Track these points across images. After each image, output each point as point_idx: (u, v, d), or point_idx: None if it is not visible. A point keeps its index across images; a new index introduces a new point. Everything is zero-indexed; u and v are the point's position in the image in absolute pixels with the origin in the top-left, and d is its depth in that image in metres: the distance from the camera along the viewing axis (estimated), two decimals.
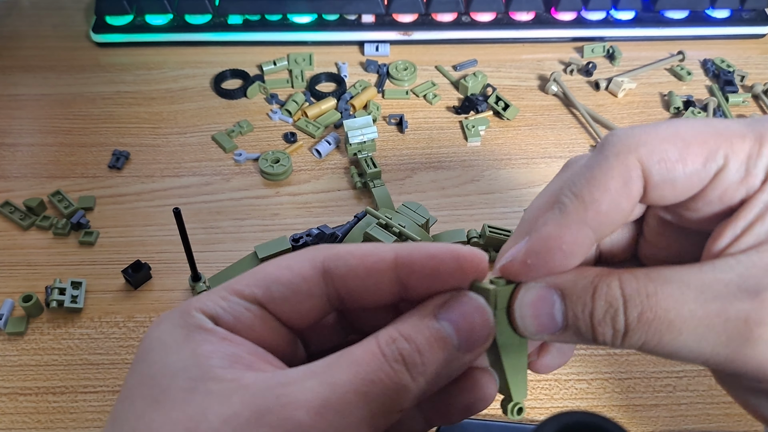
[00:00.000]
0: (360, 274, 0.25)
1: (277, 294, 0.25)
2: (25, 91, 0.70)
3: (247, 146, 0.64)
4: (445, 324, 0.24)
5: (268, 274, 0.25)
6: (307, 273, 0.25)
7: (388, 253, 0.25)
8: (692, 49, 0.73)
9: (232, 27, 0.74)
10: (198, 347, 0.23)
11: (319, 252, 0.26)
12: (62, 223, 0.56)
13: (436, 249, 0.25)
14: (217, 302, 0.25)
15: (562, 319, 0.24)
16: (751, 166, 0.24)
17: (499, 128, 0.66)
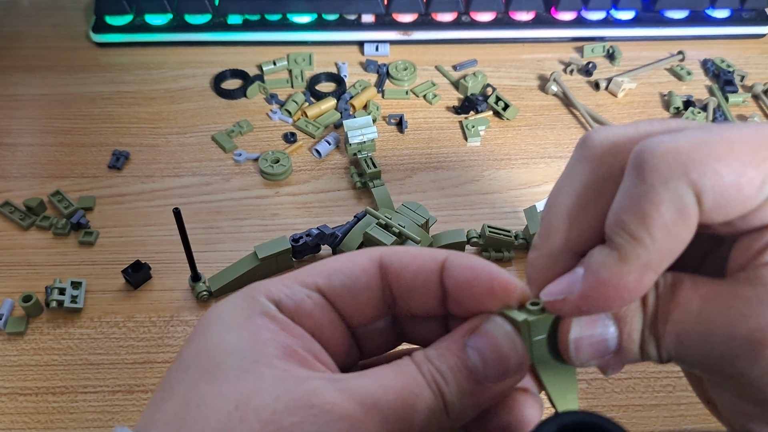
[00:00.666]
0: (411, 271, 0.26)
1: (338, 283, 0.26)
2: (25, 91, 0.70)
3: (246, 146, 0.64)
4: (473, 353, 0.24)
5: (329, 265, 0.27)
6: (366, 265, 0.26)
7: (439, 255, 0.26)
8: (692, 49, 0.73)
9: (232, 27, 0.74)
10: (258, 331, 0.24)
11: (377, 248, 0.27)
12: (62, 223, 0.56)
13: (477, 263, 0.25)
14: (280, 288, 0.26)
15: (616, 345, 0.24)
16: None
17: (499, 128, 0.66)
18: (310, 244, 0.53)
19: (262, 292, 0.26)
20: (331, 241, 0.52)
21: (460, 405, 0.23)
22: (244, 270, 0.52)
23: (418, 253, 0.27)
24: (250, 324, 0.24)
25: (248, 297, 0.25)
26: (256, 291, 0.26)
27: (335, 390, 0.22)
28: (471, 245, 0.55)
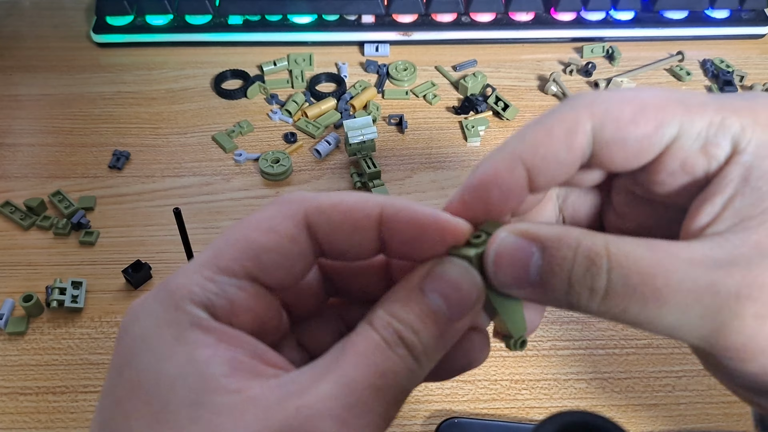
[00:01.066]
0: (344, 230, 0.24)
1: (268, 263, 0.23)
2: (26, 92, 0.70)
3: (247, 146, 0.64)
4: (434, 297, 0.23)
5: (253, 241, 0.23)
6: (292, 233, 0.24)
7: (374, 209, 0.24)
8: (691, 49, 0.74)
9: (233, 27, 0.74)
10: (194, 351, 0.21)
11: (298, 205, 0.24)
12: (63, 223, 0.56)
13: (421, 214, 0.24)
14: (205, 286, 0.22)
15: (537, 273, 0.23)
16: (711, 135, 0.23)
17: (499, 128, 0.66)
18: None
19: (186, 297, 0.22)
20: None
21: (431, 352, 0.23)
22: None
23: (349, 208, 0.24)
24: (184, 344, 0.21)
25: (171, 306, 0.22)
26: (177, 296, 0.22)
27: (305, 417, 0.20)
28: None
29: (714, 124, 0.23)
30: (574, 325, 0.51)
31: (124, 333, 0.23)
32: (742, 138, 0.23)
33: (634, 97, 0.23)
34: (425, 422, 0.46)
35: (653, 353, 0.49)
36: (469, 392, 0.47)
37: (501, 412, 0.46)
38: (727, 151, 0.23)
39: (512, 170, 0.24)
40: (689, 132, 0.23)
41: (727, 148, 0.23)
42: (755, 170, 0.22)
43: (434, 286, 0.23)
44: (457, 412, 0.46)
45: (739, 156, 0.23)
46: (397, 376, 0.22)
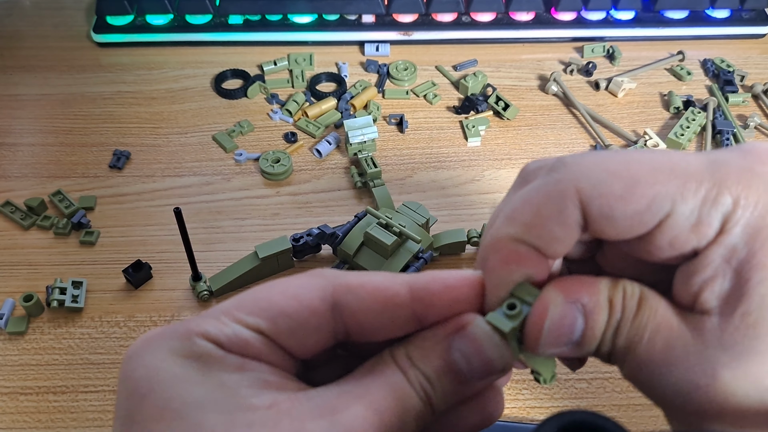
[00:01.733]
0: (373, 311, 0.24)
1: (284, 327, 0.23)
2: (26, 91, 0.70)
3: (247, 146, 0.64)
4: (457, 355, 0.23)
5: (273, 303, 0.23)
6: (316, 306, 0.23)
7: (402, 287, 0.24)
8: (692, 49, 0.73)
9: (233, 27, 0.74)
10: (220, 376, 0.21)
11: (327, 281, 0.24)
12: (63, 223, 0.56)
13: (452, 279, 0.24)
14: (219, 328, 0.23)
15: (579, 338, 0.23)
16: (705, 214, 0.22)
17: (499, 128, 0.66)
18: (310, 244, 0.53)
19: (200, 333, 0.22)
20: (331, 240, 0.53)
21: (444, 404, 0.23)
22: (244, 269, 0.52)
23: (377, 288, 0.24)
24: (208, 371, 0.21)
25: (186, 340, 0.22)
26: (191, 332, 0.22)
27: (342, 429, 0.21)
28: (471, 245, 0.55)
29: (708, 200, 0.22)
30: None
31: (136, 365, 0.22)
32: (732, 216, 0.22)
33: (625, 168, 0.22)
34: None
35: None
36: None
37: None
38: (717, 227, 0.22)
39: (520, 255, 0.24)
40: (682, 210, 0.22)
41: (716, 224, 0.22)
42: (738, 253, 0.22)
43: (460, 345, 0.23)
44: None
45: (724, 236, 0.22)
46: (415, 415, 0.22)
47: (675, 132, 0.63)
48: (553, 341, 0.23)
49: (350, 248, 0.51)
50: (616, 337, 0.23)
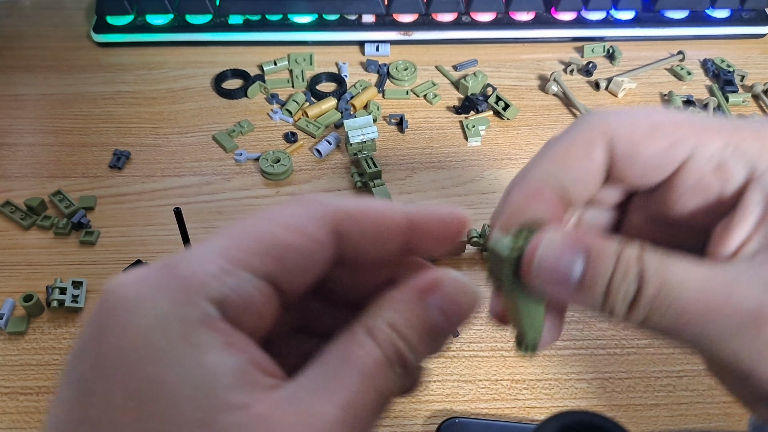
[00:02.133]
0: (372, 240, 0.23)
1: (291, 265, 0.22)
2: (26, 91, 0.70)
3: (247, 146, 0.64)
4: (435, 312, 0.23)
5: (279, 239, 0.21)
6: (321, 237, 0.22)
7: (402, 217, 0.23)
8: (692, 48, 0.73)
9: (233, 27, 0.74)
10: (201, 357, 0.19)
11: (327, 209, 0.23)
12: (63, 223, 0.56)
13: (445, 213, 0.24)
14: (223, 279, 0.20)
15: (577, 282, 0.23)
16: (726, 158, 0.23)
17: (499, 128, 0.66)
18: None
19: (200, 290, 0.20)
20: None
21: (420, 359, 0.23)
22: None
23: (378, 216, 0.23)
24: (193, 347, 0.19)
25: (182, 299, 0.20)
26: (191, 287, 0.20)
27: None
28: (471, 245, 0.55)
29: (729, 146, 0.23)
30: (575, 325, 0.51)
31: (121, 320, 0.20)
32: (759, 163, 0.23)
33: (647, 116, 0.24)
34: (426, 422, 0.46)
35: (654, 353, 0.49)
36: (470, 392, 0.47)
37: (502, 412, 0.46)
38: (744, 174, 0.23)
39: (542, 192, 0.24)
40: (703, 152, 0.23)
41: (742, 171, 0.23)
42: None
43: (438, 301, 0.23)
44: (458, 412, 0.46)
45: (757, 182, 0.23)
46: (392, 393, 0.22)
47: None
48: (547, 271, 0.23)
49: None
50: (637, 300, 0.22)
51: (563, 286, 0.23)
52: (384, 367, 0.21)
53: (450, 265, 0.55)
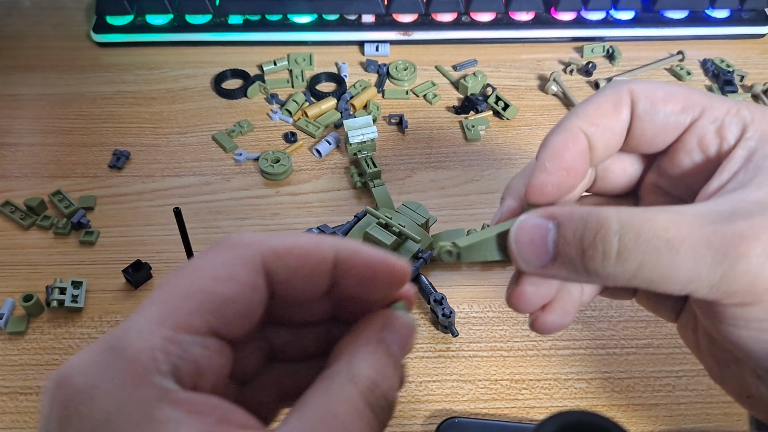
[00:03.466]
0: (300, 275, 0.24)
1: (231, 315, 0.22)
2: (26, 91, 0.70)
3: (247, 146, 0.64)
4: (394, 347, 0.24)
5: (212, 292, 0.22)
6: (253, 281, 0.23)
7: (328, 254, 0.24)
8: (692, 48, 0.74)
9: (233, 27, 0.74)
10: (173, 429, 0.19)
11: (254, 251, 0.23)
12: (63, 223, 0.56)
13: (373, 258, 0.25)
14: (168, 350, 0.20)
15: (553, 247, 0.25)
16: (727, 122, 0.27)
17: (499, 128, 0.66)
18: None
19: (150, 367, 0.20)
20: None
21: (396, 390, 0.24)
22: None
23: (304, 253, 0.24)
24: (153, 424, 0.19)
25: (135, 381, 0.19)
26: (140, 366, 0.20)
27: None
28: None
29: (731, 112, 0.27)
30: (575, 324, 0.51)
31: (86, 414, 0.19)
32: (750, 126, 0.27)
33: (665, 85, 0.29)
34: (425, 422, 0.46)
35: (653, 353, 0.49)
36: (470, 392, 0.47)
37: (501, 411, 0.46)
38: (737, 134, 0.27)
39: (577, 138, 0.28)
40: (709, 115, 0.28)
41: (736, 132, 0.27)
42: (758, 152, 0.26)
43: (393, 338, 0.24)
44: (458, 412, 0.46)
45: (745, 141, 0.27)
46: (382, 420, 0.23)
47: None
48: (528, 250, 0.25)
49: None
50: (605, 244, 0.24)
51: (542, 255, 0.25)
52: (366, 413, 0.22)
53: (450, 265, 0.55)
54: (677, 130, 0.28)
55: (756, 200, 0.25)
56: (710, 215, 0.24)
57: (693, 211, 0.24)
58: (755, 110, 0.27)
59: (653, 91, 0.28)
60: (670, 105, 0.28)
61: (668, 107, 0.28)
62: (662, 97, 0.28)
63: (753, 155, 0.26)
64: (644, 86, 0.28)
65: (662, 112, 0.28)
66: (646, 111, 0.28)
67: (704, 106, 0.28)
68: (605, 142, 0.28)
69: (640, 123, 0.28)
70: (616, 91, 0.28)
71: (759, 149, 0.26)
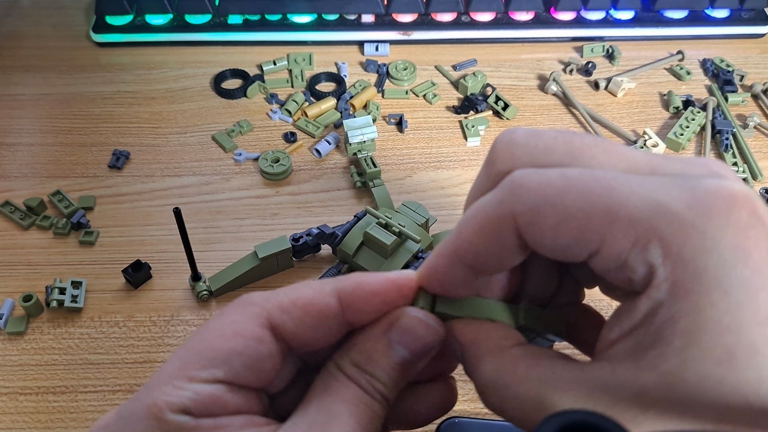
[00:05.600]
0: (308, 325, 0.25)
1: (239, 366, 0.24)
2: (26, 91, 0.70)
3: (247, 146, 0.64)
4: (398, 348, 0.25)
5: (218, 349, 0.24)
6: (258, 334, 0.24)
7: (331, 297, 0.25)
8: (691, 48, 0.74)
9: (232, 27, 0.74)
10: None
11: (258, 307, 0.25)
12: (62, 223, 0.56)
13: (376, 284, 0.25)
14: (180, 394, 0.23)
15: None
16: (632, 258, 0.21)
17: (499, 128, 0.66)
18: (310, 244, 0.53)
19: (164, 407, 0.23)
20: (331, 240, 0.53)
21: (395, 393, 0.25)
22: (244, 269, 0.52)
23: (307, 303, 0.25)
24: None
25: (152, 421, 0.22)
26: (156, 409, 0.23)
27: None
28: None
29: (637, 245, 0.21)
30: None
31: None
32: (659, 269, 0.21)
33: (562, 198, 0.22)
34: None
35: None
36: (470, 392, 0.47)
37: None
38: (644, 276, 0.21)
39: (451, 269, 0.25)
40: (609, 252, 0.22)
41: (643, 273, 0.21)
42: (664, 309, 0.21)
43: (398, 337, 0.25)
44: (458, 412, 0.46)
45: (651, 289, 0.21)
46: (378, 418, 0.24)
47: (674, 132, 0.63)
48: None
49: (350, 248, 0.51)
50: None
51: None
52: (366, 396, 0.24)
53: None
54: (573, 259, 0.23)
55: (638, 392, 0.21)
56: (590, 395, 0.22)
57: (578, 379, 0.22)
58: (671, 240, 0.21)
59: (541, 219, 0.22)
60: (560, 238, 0.22)
61: (558, 240, 0.22)
62: (551, 226, 0.22)
63: (657, 311, 0.21)
64: (531, 210, 0.22)
65: (552, 245, 0.22)
66: (534, 242, 0.23)
67: (604, 237, 0.21)
68: (491, 266, 0.25)
69: (534, 247, 0.23)
70: (498, 216, 0.23)
71: (665, 305, 0.21)
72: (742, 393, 0.20)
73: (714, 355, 0.20)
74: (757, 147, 0.64)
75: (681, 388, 0.20)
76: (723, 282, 0.20)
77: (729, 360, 0.20)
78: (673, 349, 0.20)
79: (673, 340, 0.21)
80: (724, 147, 0.62)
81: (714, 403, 0.20)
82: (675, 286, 0.21)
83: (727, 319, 0.20)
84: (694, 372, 0.20)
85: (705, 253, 0.20)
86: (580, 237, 0.22)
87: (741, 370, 0.20)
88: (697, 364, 0.20)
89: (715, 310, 0.20)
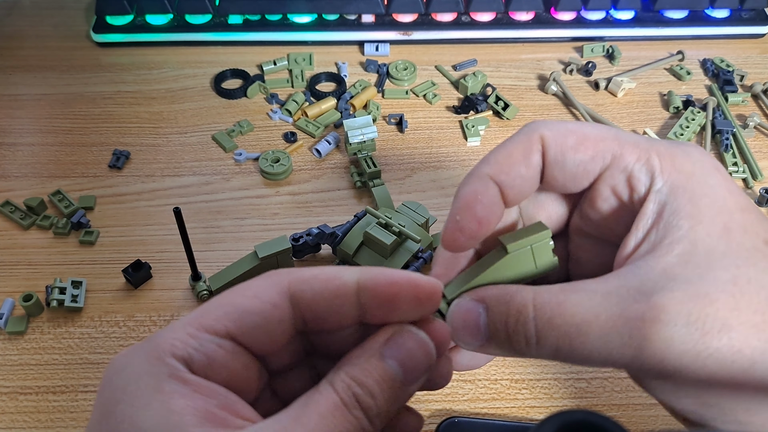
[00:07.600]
0: (325, 298, 0.26)
1: (250, 325, 0.25)
2: (26, 91, 0.70)
3: (247, 146, 0.64)
4: (391, 363, 0.25)
5: (237, 305, 0.25)
6: (275, 300, 0.26)
7: (351, 277, 0.26)
8: (692, 48, 0.74)
9: (233, 27, 0.74)
10: (170, 401, 0.23)
11: (282, 277, 0.26)
12: (62, 223, 0.56)
13: (397, 276, 0.26)
14: (187, 342, 0.24)
15: (485, 330, 0.27)
16: (636, 170, 0.27)
17: (499, 128, 0.66)
18: (310, 244, 0.53)
19: (167, 351, 0.24)
20: (331, 240, 0.53)
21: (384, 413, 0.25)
22: (244, 269, 0.52)
23: (328, 278, 0.26)
24: (160, 393, 0.23)
25: (153, 358, 0.24)
26: (160, 349, 0.24)
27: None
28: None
29: (640, 159, 0.27)
30: None
31: (107, 383, 0.24)
32: (658, 176, 0.27)
33: (579, 129, 0.28)
34: (425, 422, 0.46)
35: None
36: (470, 392, 0.47)
37: (501, 411, 0.46)
38: (646, 184, 0.27)
39: (487, 187, 0.28)
40: (618, 163, 0.28)
41: (646, 182, 0.27)
42: (668, 206, 0.26)
43: (393, 353, 0.25)
44: (457, 412, 0.46)
45: (654, 193, 0.27)
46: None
47: (674, 132, 0.63)
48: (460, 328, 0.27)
49: (350, 248, 0.51)
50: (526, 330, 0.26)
51: (476, 337, 0.27)
52: (340, 409, 0.24)
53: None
54: (587, 178, 0.28)
55: (663, 269, 0.25)
56: (618, 293, 0.25)
57: (603, 289, 0.25)
58: (665, 156, 0.27)
59: (564, 137, 0.28)
60: (580, 153, 0.28)
61: (577, 156, 0.28)
62: (572, 145, 0.28)
63: (663, 210, 0.26)
64: (556, 132, 0.28)
65: (571, 161, 0.28)
66: (555, 159, 0.28)
67: (614, 153, 0.27)
68: (517, 189, 0.28)
69: (551, 170, 0.28)
70: (527, 136, 0.28)
71: (668, 203, 0.26)
72: (743, 256, 0.26)
73: (717, 230, 0.26)
74: (757, 147, 0.64)
75: (695, 261, 0.25)
76: (708, 180, 0.27)
77: (727, 234, 0.26)
78: (683, 233, 0.26)
79: (682, 225, 0.26)
80: (724, 147, 0.62)
81: (725, 270, 0.25)
82: (673, 186, 0.27)
83: (719, 204, 0.26)
84: (704, 246, 0.25)
85: (691, 163, 0.27)
86: (596, 153, 0.28)
87: (736, 241, 0.26)
88: (705, 240, 0.25)
89: (707, 198, 0.26)
